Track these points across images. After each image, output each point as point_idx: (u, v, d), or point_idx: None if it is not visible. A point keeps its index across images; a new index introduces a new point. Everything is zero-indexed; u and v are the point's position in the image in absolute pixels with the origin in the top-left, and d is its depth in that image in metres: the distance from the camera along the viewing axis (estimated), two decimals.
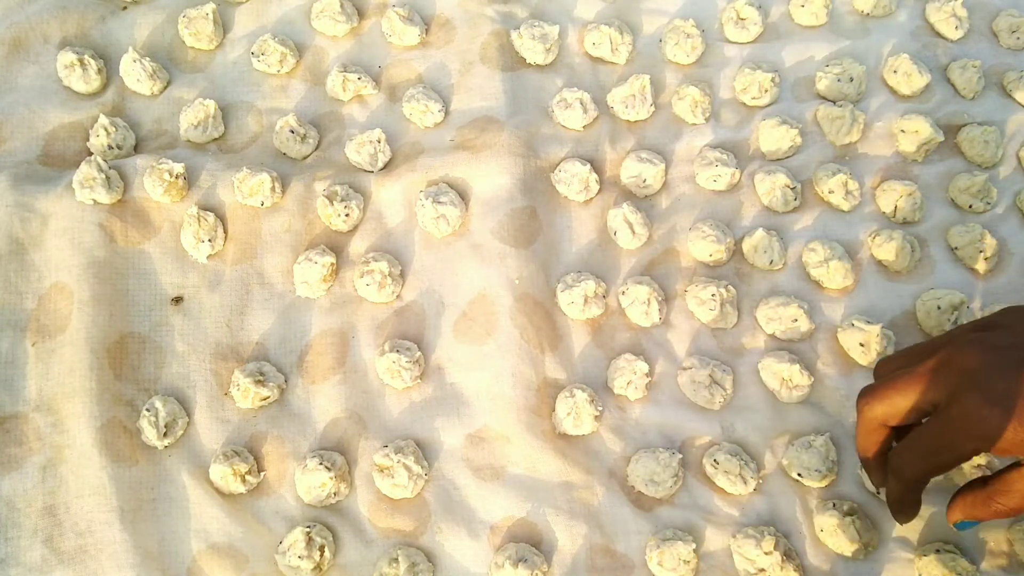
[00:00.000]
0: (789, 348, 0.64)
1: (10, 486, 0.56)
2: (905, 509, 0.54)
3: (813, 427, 0.62)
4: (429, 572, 0.56)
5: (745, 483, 0.59)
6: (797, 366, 0.62)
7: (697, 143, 0.72)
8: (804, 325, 0.64)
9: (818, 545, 0.58)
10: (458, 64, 0.73)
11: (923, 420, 0.50)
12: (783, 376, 0.62)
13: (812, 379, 0.62)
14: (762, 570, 0.56)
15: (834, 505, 0.58)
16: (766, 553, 0.56)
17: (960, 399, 0.46)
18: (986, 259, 0.67)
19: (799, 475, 0.60)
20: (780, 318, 0.64)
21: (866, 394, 0.52)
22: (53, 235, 0.62)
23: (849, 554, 0.57)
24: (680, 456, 0.59)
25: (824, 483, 0.60)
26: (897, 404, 0.50)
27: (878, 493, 0.59)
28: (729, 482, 0.59)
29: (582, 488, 0.59)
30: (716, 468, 0.59)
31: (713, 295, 0.64)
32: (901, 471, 0.51)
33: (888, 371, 0.53)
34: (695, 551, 0.56)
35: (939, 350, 0.49)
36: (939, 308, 0.64)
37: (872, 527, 0.58)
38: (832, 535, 0.57)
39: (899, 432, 0.52)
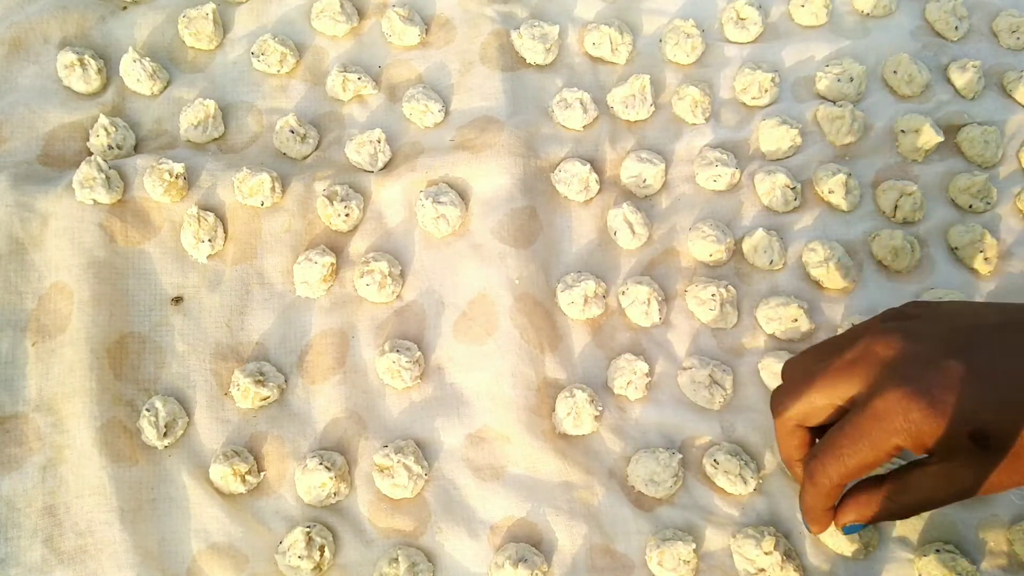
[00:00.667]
0: (789, 348, 0.64)
1: (10, 486, 0.56)
2: (819, 518, 0.50)
3: None
4: (429, 572, 0.56)
5: (745, 483, 0.59)
6: None
7: (697, 143, 0.72)
8: (804, 325, 0.64)
9: (818, 545, 0.58)
10: (458, 64, 0.73)
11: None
12: None
13: None
14: (762, 570, 0.56)
15: None
16: (766, 553, 0.56)
17: (883, 391, 0.43)
18: (986, 259, 0.67)
19: None
20: (780, 318, 0.64)
21: (779, 395, 0.50)
22: (53, 235, 0.62)
23: (849, 554, 0.57)
24: (680, 456, 0.59)
25: None
26: (814, 402, 0.47)
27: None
28: (729, 482, 0.59)
29: (582, 488, 0.59)
30: (716, 468, 0.59)
31: (713, 295, 0.64)
32: (816, 474, 0.47)
33: (797, 372, 0.50)
34: (695, 551, 0.56)
35: (854, 342, 0.46)
36: None
37: (872, 527, 0.58)
38: (832, 535, 0.57)
39: (819, 432, 0.50)
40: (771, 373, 0.63)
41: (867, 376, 0.45)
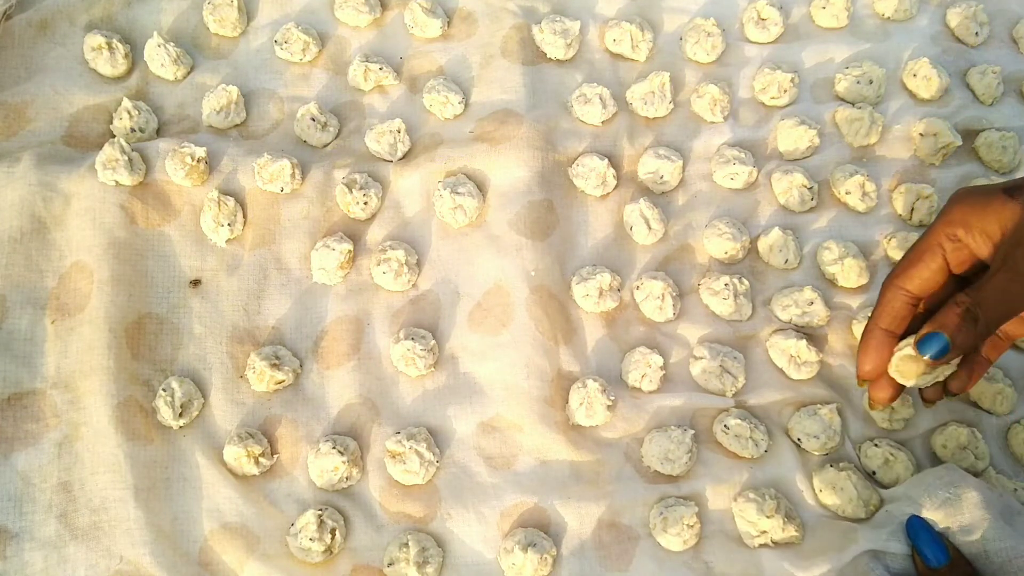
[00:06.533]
0: (804, 334, 0.65)
1: (26, 461, 0.57)
2: (880, 343, 0.54)
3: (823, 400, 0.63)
4: (439, 557, 0.56)
5: (756, 445, 0.60)
6: (804, 342, 0.62)
7: (715, 141, 0.72)
8: (821, 310, 0.64)
9: (818, 506, 0.59)
10: (479, 57, 0.73)
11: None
12: (791, 353, 0.63)
13: (820, 355, 0.63)
14: (764, 532, 0.57)
15: (832, 464, 0.59)
16: (768, 516, 0.56)
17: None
18: None
19: (799, 440, 0.61)
20: (795, 302, 0.64)
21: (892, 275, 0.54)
22: (75, 215, 0.62)
23: (849, 512, 0.58)
24: (692, 432, 0.60)
25: (823, 451, 0.60)
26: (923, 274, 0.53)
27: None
28: (740, 445, 0.60)
29: (594, 475, 0.60)
30: (727, 433, 0.60)
31: (727, 284, 0.64)
32: (885, 287, 0.54)
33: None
34: (697, 515, 0.57)
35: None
36: None
37: (870, 486, 0.59)
38: (830, 494, 0.58)
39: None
40: (779, 351, 0.63)
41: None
